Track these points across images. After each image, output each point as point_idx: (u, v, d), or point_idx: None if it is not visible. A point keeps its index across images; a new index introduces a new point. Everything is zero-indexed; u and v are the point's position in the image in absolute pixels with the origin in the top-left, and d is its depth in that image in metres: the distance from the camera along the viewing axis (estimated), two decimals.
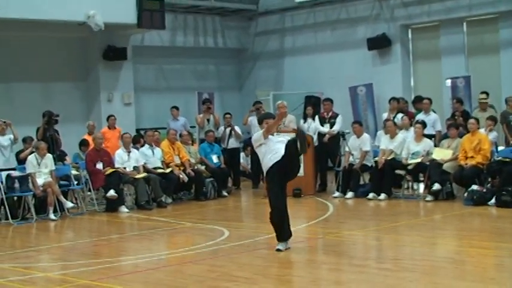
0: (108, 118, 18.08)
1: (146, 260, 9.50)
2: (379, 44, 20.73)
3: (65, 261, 9.99)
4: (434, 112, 16.68)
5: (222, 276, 8.29)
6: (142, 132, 18.01)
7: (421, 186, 15.34)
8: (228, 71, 24.74)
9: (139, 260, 9.56)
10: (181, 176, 15.67)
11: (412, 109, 17.74)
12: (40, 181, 13.95)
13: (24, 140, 15.46)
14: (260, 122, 10.30)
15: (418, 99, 17.47)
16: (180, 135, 17.05)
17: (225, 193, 16.62)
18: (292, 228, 9.79)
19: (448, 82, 19.17)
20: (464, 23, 19.75)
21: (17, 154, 15.36)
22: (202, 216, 13.97)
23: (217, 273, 8.42)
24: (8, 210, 13.66)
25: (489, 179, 13.87)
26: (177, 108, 19.22)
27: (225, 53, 24.51)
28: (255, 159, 17.52)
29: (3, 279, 8.72)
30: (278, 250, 9.46)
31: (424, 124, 15.14)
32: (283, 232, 9.59)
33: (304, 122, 16.80)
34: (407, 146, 14.83)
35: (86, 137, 16.99)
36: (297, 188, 15.49)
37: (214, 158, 16.85)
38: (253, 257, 9.28)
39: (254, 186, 17.92)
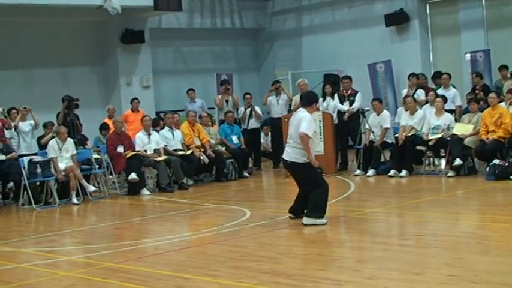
0: (132, 101, 18.10)
1: (168, 242, 9.54)
2: (397, 20, 20.59)
3: (87, 244, 10.05)
4: (454, 87, 16.58)
5: (244, 256, 8.30)
6: (161, 114, 18.03)
7: (443, 161, 15.27)
8: (246, 52, 24.69)
9: (161, 242, 9.60)
10: (202, 157, 15.69)
11: (431, 85, 17.62)
12: (62, 166, 14.01)
13: (45, 125, 15.54)
14: (309, 104, 10.20)
15: (437, 75, 17.36)
16: (200, 117, 17.05)
17: (245, 174, 16.62)
18: None
19: (468, 56, 19.00)
20: None
21: (38, 139, 15.45)
22: (223, 197, 13.99)
23: (240, 254, 8.43)
24: (30, 196, 13.76)
25: (511, 153, 13.76)
26: (193, 90, 19.21)
27: (243, 33, 24.45)
28: (275, 139, 17.66)
29: (27, 263, 8.81)
30: (324, 224, 9.77)
31: (444, 98, 15.05)
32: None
33: (323, 101, 16.74)
34: (428, 121, 14.74)
35: (106, 120, 17.04)
36: (318, 167, 15.42)
37: (235, 139, 16.85)
38: (276, 237, 9.28)
39: (275, 166, 17.91)
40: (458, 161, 13.87)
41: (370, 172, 15.05)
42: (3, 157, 14.11)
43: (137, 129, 16.43)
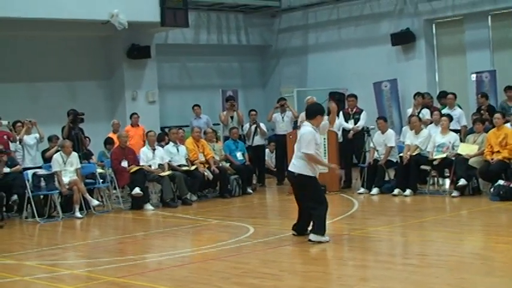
0: (131, 116, 18.17)
1: (171, 257, 9.52)
2: (403, 39, 20.62)
3: (90, 258, 10.04)
4: (460, 107, 16.58)
5: (247, 272, 8.29)
6: (166, 130, 18.05)
7: (447, 181, 15.24)
8: (252, 68, 24.73)
9: (164, 257, 9.58)
10: (206, 173, 15.69)
11: (437, 104, 17.62)
12: (66, 179, 14.03)
13: (50, 139, 15.58)
14: (312, 116, 10.09)
15: (442, 94, 17.38)
16: (205, 133, 17.05)
17: (249, 190, 16.61)
18: None
19: (473, 77, 19.00)
20: (489, 17, 19.55)
21: (43, 153, 15.48)
22: (227, 213, 13.97)
23: (243, 270, 8.41)
24: (34, 209, 13.75)
25: None
26: (199, 106, 19.23)
27: (249, 50, 24.50)
28: (280, 156, 17.65)
29: (30, 277, 8.80)
30: (327, 241, 9.71)
31: (450, 117, 15.06)
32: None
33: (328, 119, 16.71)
34: (433, 139, 14.73)
35: (111, 135, 17.07)
36: (321, 185, 15.39)
37: (239, 155, 16.86)
38: (279, 254, 9.27)
39: (279, 183, 17.90)
40: (462, 181, 13.84)
41: (374, 191, 15.03)
42: (7, 170, 14.13)
43: (137, 144, 16.46)
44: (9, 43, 18.98)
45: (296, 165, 9.99)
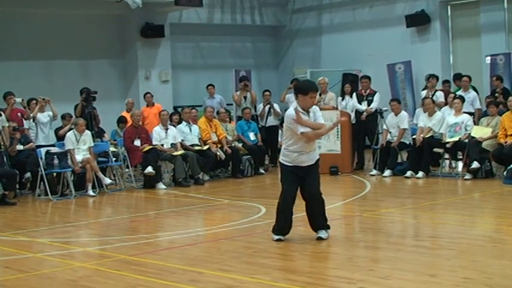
0: (144, 96, 18.16)
1: (183, 236, 9.56)
2: (418, 21, 20.50)
3: (103, 236, 10.09)
4: (475, 89, 16.51)
5: (258, 252, 8.30)
6: (179, 109, 18.05)
7: (460, 164, 15.20)
8: (265, 49, 24.67)
9: (176, 236, 9.62)
10: (218, 153, 15.71)
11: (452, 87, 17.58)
12: (79, 157, 14.07)
13: (63, 117, 15.63)
14: (306, 92, 8.89)
15: (457, 77, 17.31)
16: (218, 113, 17.05)
17: (261, 170, 16.62)
18: (330, 206, 9.78)
19: (488, 59, 18.89)
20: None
21: (56, 131, 15.54)
22: (239, 193, 13.99)
23: (254, 250, 8.43)
24: (47, 186, 13.81)
25: None
26: (213, 86, 19.21)
27: (263, 30, 24.43)
28: None
29: (42, 253, 8.85)
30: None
31: (462, 99, 14.99)
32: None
33: (342, 100, 16.73)
34: (446, 120, 14.68)
35: (124, 114, 17.09)
36: (333, 166, 15.46)
37: (251, 136, 16.86)
38: (290, 234, 9.25)
39: None
40: (475, 164, 13.80)
41: (387, 172, 15.01)
42: (21, 147, 14.19)
43: (152, 124, 16.43)
44: (23, 21, 18.98)
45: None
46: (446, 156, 15.11)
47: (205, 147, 15.74)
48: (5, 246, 9.33)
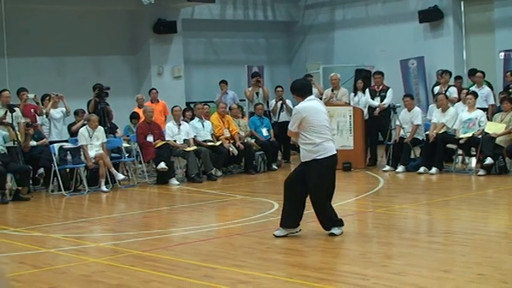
0: (149, 92, 18.13)
1: (196, 232, 9.56)
2: (431, 16, 20.44)
3: (116, 232, 10.11)
4: (490, 85, 16.45)
5: (271, 248, 8.30)
6: (192, 105, 18.06)
7: (473, 160, 15.14)
8: (278, 45, 24.66)
9: (189, 232, 9.63)
10: (231, 149, 15.71)
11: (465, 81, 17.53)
12: (92, 153, 14.09)
13: (76, 113, 15.67)
14: (305, 93, 8.97)
15: (473, 72, 17.23)
16: (230, 109, 17.04)
17: (274, 166, 16.60)
18: (343, 202, 9.77)
19: (502, 55, 18.81)
20: None
21: (69, 127, 15.57)
22: (251, 189, 13.99)
23: (267, 246, 8.43)
24: (60, 182, 13.84)
25: None
26: (225, 82, 19.20)
27: (275, 26, 24.42)
28: None
29: (56, 249, 8.87)
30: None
31: (475, 94, 14.93)
32: None
33: (355, 96, 16.70)
34: (460, 116, 14.63)
35: (136, 109, 17.10)
36: (346, 162, 15.42)
37: (264, 131, 16.84)
38: (303, 230, 9.25)
39: None
40: (489, 160, 13.75)
41: (400, 168, 14.96)
42: (34, 143, 14.22)
43: (157, 120, 16.31)
44: (36, 17, 19.04)
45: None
46: (460, 152, 15.05)
47: (218, 143, 15.74)
48: (19, 242, 9.37)
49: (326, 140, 8.74)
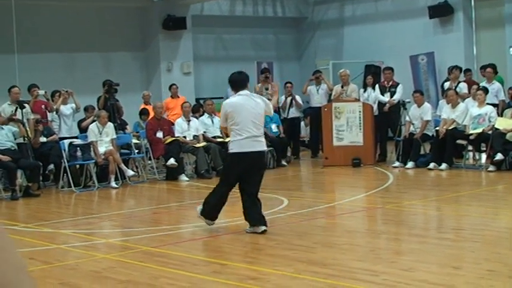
0: (170, 87, 18.15)
1: (205, 228, 9.55)
2: (441, 11, 20.36)
3: (125, 228, 10.13)
4: (502, 80, 16.38)
5: (280, 244, 8.30)
6: (201, 101, 18.06)
7: (483, 156, 15.09)
8: (287, 40, 24.63)
9: (198, 228, 9.62)
10: None
11: (476, 77, 17.46)
12: (101, 149, 14.12)
13: (86, 109, 15.70)
14: (238, 87, 9.42)
15: (485, 67, 17.16)
16: None
17: (284, 162, 16.59)
18: (353, 198, 9.76)
19: None
20: None
21: (79, 123, 15.60)
22: (261, 185, 13.93)
23: (276, 242, 8.43)
24: (70, 178, 13.88)
25: None
26: None
27: (284, 22, 24.39)
28: (314, 128, 17.61)
29: (66, 245, 8.90)
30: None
31: (485, 90, 14.88)
32: None
33: (364, 91, 16.67)
34: (470, 112, 14.59)
35: (143, 106, 17.12)
36: (356, 158, 15.40)
37: (274, 127, 16.83)
38: (312, 226, 9.27)
39: (313, 155, 17.86)
40: (499, 156, 13.70)
41: (410, 164, 14.93)
42: (44, 139, 14.27)
43: (178, 116, 16.42)
44: (46, 14, 19.07)
45: (262, 142, 9.51)
46: (470, 148, 15.01)
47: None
48: (29, 238, 9.39)
49: (246, 137, 8.70)
